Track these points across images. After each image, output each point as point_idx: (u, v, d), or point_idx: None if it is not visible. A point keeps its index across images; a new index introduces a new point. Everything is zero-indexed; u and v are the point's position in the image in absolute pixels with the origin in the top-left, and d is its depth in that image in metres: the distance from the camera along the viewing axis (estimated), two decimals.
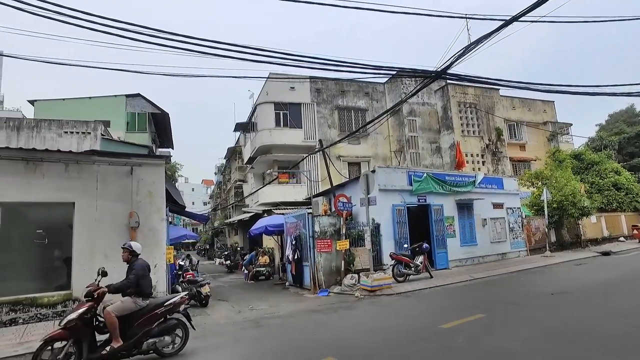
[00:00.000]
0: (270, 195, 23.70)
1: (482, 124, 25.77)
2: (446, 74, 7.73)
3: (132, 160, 9.85)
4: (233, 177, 40.22)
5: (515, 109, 29.41)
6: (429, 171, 16.11)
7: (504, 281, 12.27)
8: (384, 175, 14.68)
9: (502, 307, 8.13)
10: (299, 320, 8.35)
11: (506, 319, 7.03)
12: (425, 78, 8.17)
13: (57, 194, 9.07)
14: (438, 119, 26.51)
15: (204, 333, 7.54)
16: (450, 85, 25.76)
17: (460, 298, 9.90)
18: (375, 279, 11.38)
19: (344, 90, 27.13)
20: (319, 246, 12.64)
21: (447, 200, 15.79)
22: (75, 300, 8.94)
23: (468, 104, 25.76)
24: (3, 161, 8.74)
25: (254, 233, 16.70)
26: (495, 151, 25.66)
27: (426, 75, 8.03)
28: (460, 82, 26.21)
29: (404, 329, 6.91)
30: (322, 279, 12.41)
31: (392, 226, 14.22)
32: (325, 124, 25.88)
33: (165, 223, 10.43)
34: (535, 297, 9.07)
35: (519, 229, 18.52)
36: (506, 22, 6.14)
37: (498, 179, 18.54)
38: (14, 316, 8.44)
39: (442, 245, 15.16)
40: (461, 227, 16.05)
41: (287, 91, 25.53)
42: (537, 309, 7.79)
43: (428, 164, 25.22)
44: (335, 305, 9.90)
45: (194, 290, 10.90)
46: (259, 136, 25.06)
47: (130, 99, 22.77)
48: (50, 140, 16.75)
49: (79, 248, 9.14)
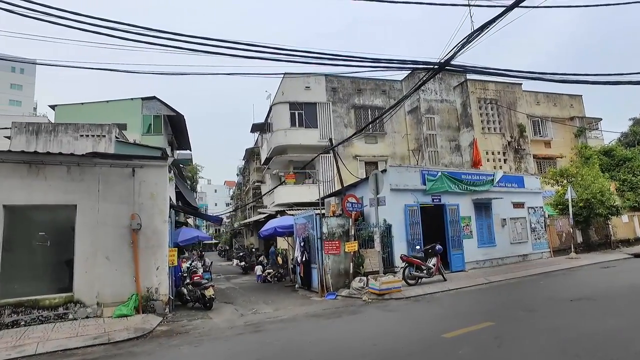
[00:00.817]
0: (285, 196, 23.53)
1: (504, 120, 24.76)
2: (450, 66, 7.25)
3: (134, 162, 9.77)
4: (252, 178, 40.32)
5: (540, 104, 28.18)
6: (444, 170, 15.49)
7: (521, 285, 11.59)
8: (395, 174, 14.19)
9: (515, 315, 7.56)
10: (300, 326, 8.04)
11: (517, 328, 6.48)
12: (427, 71, 7.69)
13: (59, 197, 9.08)
14: (457, 116, 25.67)
15: (200, 338, 7.34)
16: (469, 81, 24.92)
17: (472, 303, 9.36)
18: (384, 282, 10.93)
19: (360, 89, 26.70)
20: (326, 248, 12.30)
21: (463, 200, 15.14)
22: (77, 302, 8.95)
23: (488, 100, 24.81)
24: (6, 164, 8.81)
25: (264, 234, 16.50)
26: (518, 148, 24.60)
27: (428, 68, 7.56)
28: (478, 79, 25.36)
29: (404, 337, 6.48)
30: (330, 282, 12.06)
31: (405, 227, 13.72)
32: (341, 123, 25.51)
33: (169, 225, 10.32)
34: (554, 304, 8.43)
35: (541, 229, 17.61)
36: (509, 7, 5.64)
37: (518, 177, 17.68)
38: (16, 318, 8.47)
39: (458, 246, 14.53)
40: (478, 227, 15.35)
41: (303, 91, 25.32)
42: (554, 317, 7.17)
43: (447, 163, 24.46)
44: (340, 309, 9.55)
45: (198, 293, 10.76)
46: (274, 136, 24.95)
47: (146, 102, 23.03)
48: (67, 143, 17.07)
49: (81, 250, 9.13)
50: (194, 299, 10.95)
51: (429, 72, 7.79)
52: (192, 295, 11.03)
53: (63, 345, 7.06)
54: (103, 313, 8.97)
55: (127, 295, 9.18)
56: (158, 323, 8.59)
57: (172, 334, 7.74)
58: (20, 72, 69.28)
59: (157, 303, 9.51)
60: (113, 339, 7.29)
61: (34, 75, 71.31)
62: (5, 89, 66.35)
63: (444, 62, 7.05)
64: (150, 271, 9.57)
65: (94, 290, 9.02)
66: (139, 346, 6.93)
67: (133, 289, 9.28)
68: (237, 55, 7.14)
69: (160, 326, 8.46)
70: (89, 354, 6.65)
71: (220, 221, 24.08)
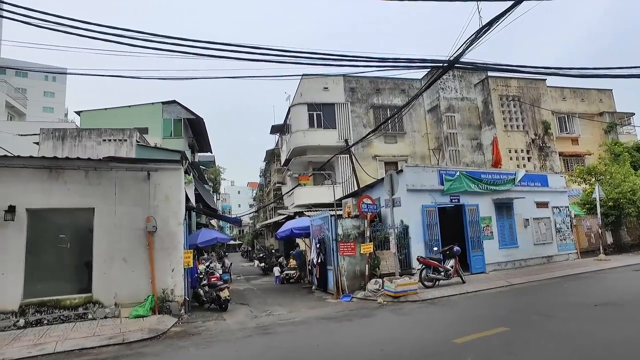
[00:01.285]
0: (304, 197, 23.58)
1: (527, 117, 24.01)
2: (459, 63, 7.05)
3: (149, 166, 9.98)
4: (273, 180, 40.63)
5: (566, 99, 27.18)
6: (463, 169, 15.14)
7: (543, 288, 11.17)
8: (412, 174, 13.98)
9: (531, 320, 7.28)
10: (310, 328, 8.00)
11: (531, 334, 6.22)
12: (436, 68, 7.51)
13: (78, 200, 9.37)
14: (478, 114, 25.09)
15: (210, 340, 7.41)
16: (490, 79, 24.31)
17: (489, 307, 9.09)
18: (399, 284, 10.77)
19: (379, 89, 26.50)
20: (341, 249, 12.21)
21: (483, 200, 14.76)
22: (96, 302, 9.20)
23: (511, 97, 24.13)
24: (28, 170, 9.16)
25: (280, 236, 16.56)
26: (543, 146, 23.80)
27: (437, 65, 7.38)
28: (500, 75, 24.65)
29: (413, 342, 6.34)
30: (345, 284, 11.97)
31: (422, 228, 13.50)
32: (360, 123, 25.37)
33: (184, 227, 10.48)
34: (575, 309, 8.07)
35: (567, 229, 16.96)
36: (517, 1, 5.43)
37: (542, 175, 17.09)
38: (40, 317, 8.79)
39: (477, 247, 14.17)
40: (499, 228, 14.93)
41: (321, 92, 25.35)
42: (573, 323, 6.87)
43: (468, 162, 23.94)
44: (354, 312, 9.45)
45: (214, 294, 10.87)
46: (293, 138, 25.06)
47: (166, 106, 23.54)
48: (90, 148, 17.60)
49: (99, 252, 9.39)
50: (210, 300, 11.08)
51: (439, 71, 7.61)
52: (208, 296, 11.16)
53: (80, 344, 7.27)
54: (120, 313, 9.20)
55: (144, 296, 9.38)
56: (173, 324, 8.73)
57: (184, 335, 7.84)
58: (52, 80, 72.07)
59: (173, 304, 9.68)
60: (127, 340, 7.45)
61: (65, 83, 74.10)
62: (39, 97, 69.08)
63: (453, 60, 6.86)
64: (165, 272, 9.75)
65: (111, 291, 9.27)
66: (149, 347, 7.05)
67: (149, 290, 9.47)
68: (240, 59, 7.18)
69: (175, 327, 8.59)
70: (102, 353, 6.81)
71: (240, 222, 24.37)
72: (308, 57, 7.03)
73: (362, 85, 26.24)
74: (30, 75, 68.71)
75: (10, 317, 8.61)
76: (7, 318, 8.58)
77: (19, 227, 8.90)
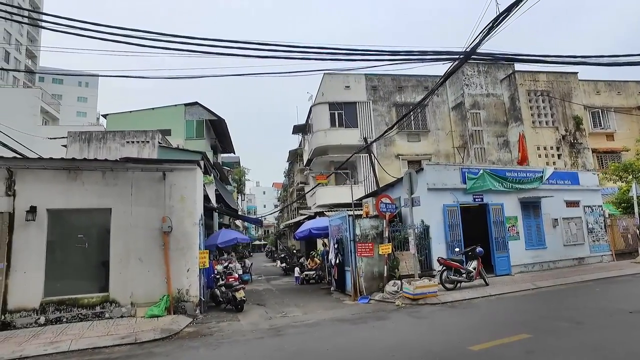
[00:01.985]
0: (326, 197, 23.44)
1: (557, 113, 22.98)
2: (476, 54, 6.68)
3: (164, 166, 10.04)
4: (296, 180, 40.68)
5: (600, 93, 25.85)
6: (486, 167, 14.56)
7: (573, 292, 10.55)
8: (433, 173, 13.56)
9: (557, 326, 6.81)
10: (322, 331, 7.79)
11: (557, 343, 5.79)
12: (451, 60, 7.15)
13: (95, 200, 9.52)
14: (505, 111, 24.22)
15: (221, 341, 7.33)
16: (518, 73, 23.44)
17: (512, 311, 8.63)
18: (418, 286, 10.42)
19: (402, 86, 26.07)
20: (359, 250, 11.95)
21: (508, 199, 14.15)
22: (113, 302, 9.31)
23: (539, 92, 23.16)
24: (48, 171, 9.37)
25: (299, 236, 16.44)
26: (574, 142, 22.71)
27: (452, 57, 7.02)
28: (527, 69, 23.70)
29: (426, 347, 6.03)
30: (363, 285, 11.69)
31: (443, 228, 13.06)
32: (382, 122, 24.96)
33: (199, 227, 10.49)
34: (607, 315, 7.51)
35: (600, 229, 16.06)
36: None
37: (572, 173, 16.25)
38: (59, 315, 8.97)
39: (502, 248, 13.58)
40: (526, 228, 14.27)
41: (343, 90, 25.17)
42: (603, 331, 6.36)
43: (494, 160, 23.14)
44: (370, 314, 9.19)
45: (230, 295, 10.84)
46: (314, 137, 24.96)
47: (188, 108, 23.91)
48: (115, 150, 17.99)
49: (116, 252, 9.50)
50: (226, 301, 11.05)
51: (456, 63, 7.25)
52: (224, 297, 11.14)
53: (93, 343, 7.34)
54: (136, 313, 9.27)
55: (159, 296, 9.42)
56: (187, 324, 8.73)
57: (197, 336, 7.80)
58: (85, 86, 74.90)
59: (188, 304, 9.69)
60: (139, 339, 7.47)
61: (97, 88, 76.85)
62: (73, 102, 71.91)
63: (469, 51, 6.51)
64: (180, 273, 9.77)
65: (127, 291, 9.36)
66: (160, 347, 7.04)
67: (164, 290, 9.51)
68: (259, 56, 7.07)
69: (188, 327, 8.57)
70: (114, 353, 6.84)
71: (261, 223, 24.44)
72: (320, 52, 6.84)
73: (384, 83, 25.87)
74: (65, 82, 71.63)
75: (32, 314, 8.83)
76: (28, 315, 8.80)
77: (40, 227, 9.12)
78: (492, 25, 5.97)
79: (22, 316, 8.76)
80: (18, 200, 9.06)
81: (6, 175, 9.04)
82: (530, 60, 7.01)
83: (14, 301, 8.77)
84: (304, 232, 15.81)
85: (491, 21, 5.99)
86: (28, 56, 61.19)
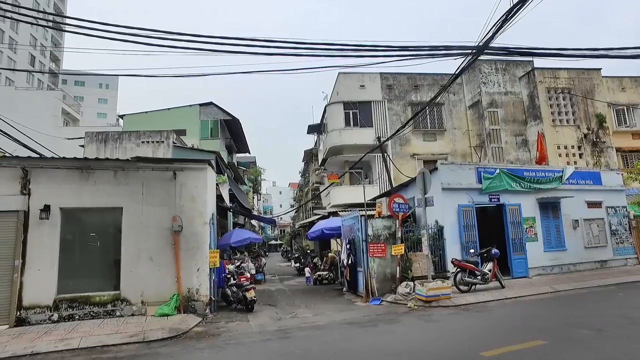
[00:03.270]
0: (340, 197, 23.32)
1: (579, 111, 22.23)
2: (489, 48, 6.43)
3: (174, 165, 10.07)
4: (311, 180, 40.67)
5: (625, 90, 24.83)
6: (503, 167, 14.15)
7: (593, 296, 10.14)
8: (447, 172, 13.26)
9: (575, 333, 6.51)
10: (330, 334, 7.65)
11: (574, 352, 5.51)
12: (464, 56, 6.89)
13: (106, 200, 9.61)
14: (524, 109, 23.58)
15: (227, 342, 7.27)
16: (537, 70, 22.77)
17: (527, 316, 8.32)
18: (431, 288, 10.18)
19: (417, 85, 25.72)
20: (371, 251, 11.76)
21: (526, 199, 13.73)
22: (124, 300, 9.38)
23: (560, 90, 22.44)
24: (62, 170, 9.50)
25: (311, 236, 16.32)
26: (596, 141, 21.92)
27: (464, 52, 6.77)
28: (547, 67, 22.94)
29: (436, 354, 5.83)
30: (375, 286, 11.51)
31: (458, 229, 12.75)
32: (397, 121, 24.60)
33: (210, 227, 10.48)
34: (629, 323, 7.14)
35: (625, 231, 15.43)
36: None
37: (594, 173, 15.66)
38: (71, 312, 9.09)
39: (520, 250, 13.18)
40: (545, 229, 13.81)
41: (357, 90, 24.99)
42: (624, 340, 6.01)
43: (512, 159, 22.55)
44: (380, 317, 9.01)
45: (240, 295, 10.81)
46: (329, 137, 24.85)
47: (203, 108, 24.09)
48: (130, 150, 18.24)
49: (127, 251, 9.57)
50: (237, 301, 11.02)
51: (469, 58, 7.01)
52: (235, 296, 11.11)
53: (102, 341, 7.38)
54: (147, 311, 9.32)
55: (169, 295, 9.44)
56: (196, 324, 8.71)
57: (204, 336, 7.77)
58: (105, 88, 76.56)
59: (198, 304, 9.69)
60: (147, 338, 7.49)
61: (117, 90, 78.45)
62: (94, 104, 73.62)
63: (482, 45, 6.27)
64: (191, 272, 9.78)
65: (138, 289, 9.41)
66: (167, 347, 7.02)
67: (174, 289, 9.53)
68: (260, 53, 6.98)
69: (197, 327, 8.56)
70: (122, 351, 6.86)
71: (275, 222, 24.43)
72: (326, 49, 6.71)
73: (400, 82, 25.57)
74: (87, 84, 73.36)
75: (46, 311, 8.96)
76: (42, 312, 8.94)
77: (53, 226, 9.26)
78: (506, 18, 5.72)
79: (36, 313, 8.90)
80: (33, 199, 9.22)
81: (21, 175, 9.21)
82: (547, 54, 6.72)
83: (29, 298, 8.92)
84: (316, 232, 15.70)
85: (505, 13, 5.74)
86: (52, 59, 62.94)
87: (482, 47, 6.33)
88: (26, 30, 55.08)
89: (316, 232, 15.68)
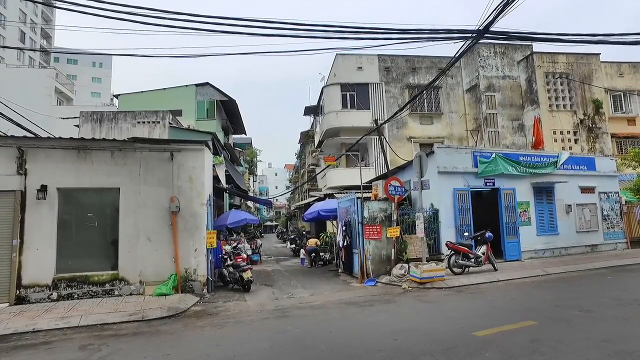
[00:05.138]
0: (336, 179, 23.34)
1: (576, 96, 22.25)
2: (489, 32, 6.39)
3: (171, 146, 10.05)
4: (307, 161, 40.62)
5: (623, 75, 24.82)
6: (499, 151, 14.25)
7: (584, 279, 10.38)
8: (444, 156, 13.33)
9: (565, 314, 6.70)
10: (327, 313, 7.81)
11: (562, 331, 5.69)
12: (464, 39, 6.85)
13: (104, 180, 9.61)
14: (521, 93, 23.56)
15: (226, 321, 7.41)
16: (536, 54, 22.68)
17: (519, 297, 8.52)
18: (425, 270, 10.37)
19: (415, 68, 25.54)
20: (367, 233, 11.90)
21: (520, 184, 13.87)
22: (122, 279, 9.48)
23: (558, 74, 22.40)
24: (59, 151, 9.45)
25: (307, 218, 16.45)
26: (592, 127, 22.04)
27: (464, 36, 6.73)
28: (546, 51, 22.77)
29: (429, 332, 5.99)
30: (370, 268, 11.69)
31: (453, 212, 12.91)
32: (395, 103, 24.55)
33: (207, 207, 10.53)
34: (618, 305, 7.34)
35: (616, 216, 15.69)
36: None
37: (589, 158, 15.81)
38: (70, 291, 9.19)
39: (513, 233, 13.40)
40: (538, 213, 14.02)
41: (355, 72, 24.82)
42: (613, 321, 6.20)
43: (509, 144, 22.67)
44: (376, 297, 9.19)
45: (237, 275, 10.94)
46: (326, 119, 24.75)
47: (199, 88, 23.81)
48: (126, 130, 18.11)
49: (125, 231, 9.63)
50: (234, 281, 11.17)
51: (469, 42, 6.97)
52: (232, 277, 11.25)
53: (102, 319, 7.50)
54: (145, 291, 9.44)
55: (167, 275, 9.56)
56: (194, 303, 8.86)
57: (203, 315, 7.91)
58: (99, 67, 75.23)
59: (195, 283, 9.82)
60: (146, 317, 7.62)
61: (110, 69, 77.15)
62: (88, 83, 72.45)
63: (482, 29, 6.23)
64: (188, 252, 9.87)
65: (136, 269, 9.51)
66: (167, 325, 7.16)
67: (172, 269, 9.64)
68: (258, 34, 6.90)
69: (195, 306, 8.70)
70: (122, 329, 6.98)
71: (270, 204, 24.52)
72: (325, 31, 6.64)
73: (398, 64, 25.37)
74: (80, 62, 72.03)
75: (45, 290, 9.07)
76: (42, 291, 9.04)
77: (51, 206, 9.27)
78: (507, 2, 5.69)
79: (36, 291, 9.00)
80: (29, 179, 9.20)
81: (17, 154, 9.16)
82: (547, 39, 6.69)
83: (28, 277, 9.01)
84: (312, 214, 15.81)
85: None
86: (43, 36, 61.58)
87: (483, 30, 6.30)
88: (15, 4, 53.68)
89: (312, 214, 15.79)
